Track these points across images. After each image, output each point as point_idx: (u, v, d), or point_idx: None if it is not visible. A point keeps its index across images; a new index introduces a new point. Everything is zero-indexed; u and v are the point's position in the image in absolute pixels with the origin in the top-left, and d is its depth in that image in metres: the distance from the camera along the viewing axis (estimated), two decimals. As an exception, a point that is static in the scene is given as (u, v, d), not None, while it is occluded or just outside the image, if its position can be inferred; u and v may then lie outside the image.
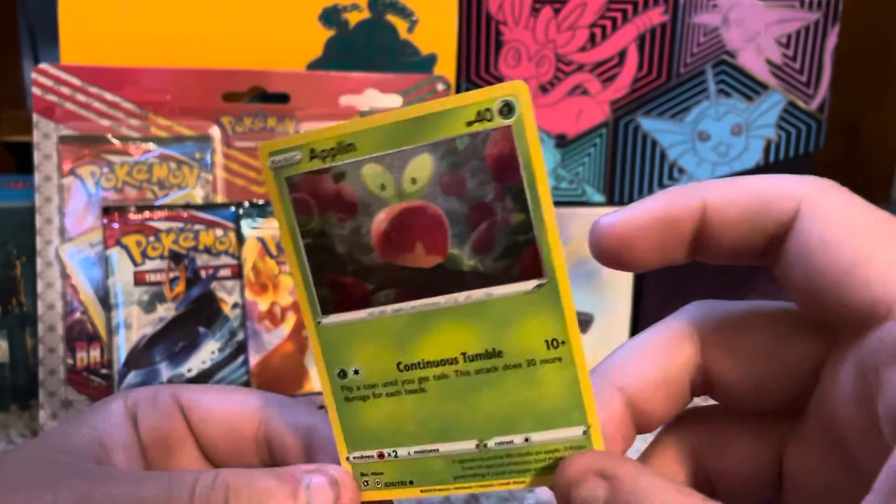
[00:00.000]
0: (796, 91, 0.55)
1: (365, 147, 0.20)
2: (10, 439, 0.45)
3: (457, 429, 0.22)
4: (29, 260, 0.47)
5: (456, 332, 0.21)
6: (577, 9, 0.53)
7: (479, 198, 0.20)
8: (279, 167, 0.21)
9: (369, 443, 0.23)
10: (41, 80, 0.45)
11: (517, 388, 0.22)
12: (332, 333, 0.22)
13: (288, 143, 0.21)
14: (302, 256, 0.22)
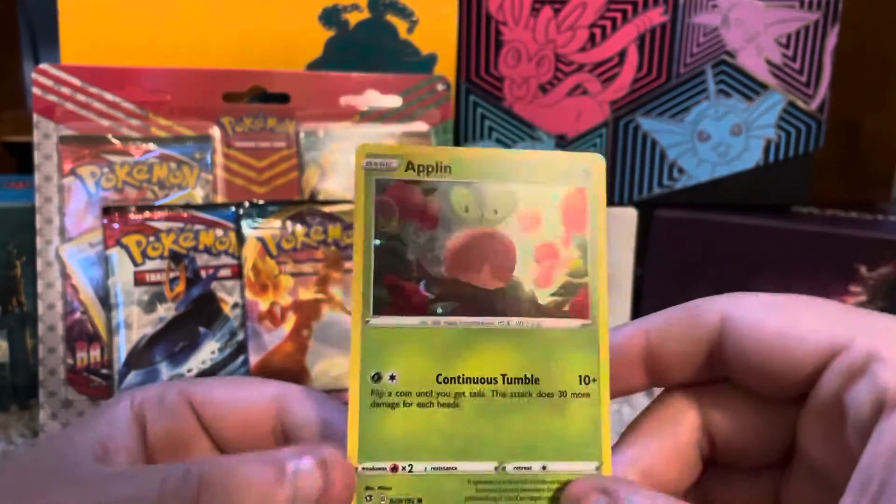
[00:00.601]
0: (796, 91, 0.55)
1: (460, 172, 0.23)
2: (10, 439, 0.45)
3: (480, 449, 0.23)
4: (29, 260, 0.47)
5: (500, 354, 0.23)
6: (577, 9, 0.53)
7: (549, 239, 0.23)
8: (372, 168, 0.23)
9: (385, 454, 0.23)
10: (41, 80, 0.45)
11: (545, 417, 0.23)
12: (377, 334, 0.23)
13: (388, 150, 0.23)
14: (370, 254, 0.23)
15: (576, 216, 0.23)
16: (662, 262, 0.55)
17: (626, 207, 0.56)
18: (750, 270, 0.54)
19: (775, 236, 0.53)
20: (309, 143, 0.50)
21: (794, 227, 0.53)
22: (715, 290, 0.59)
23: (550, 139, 0.55)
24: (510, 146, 0.55)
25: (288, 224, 0.47)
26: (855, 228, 0.53)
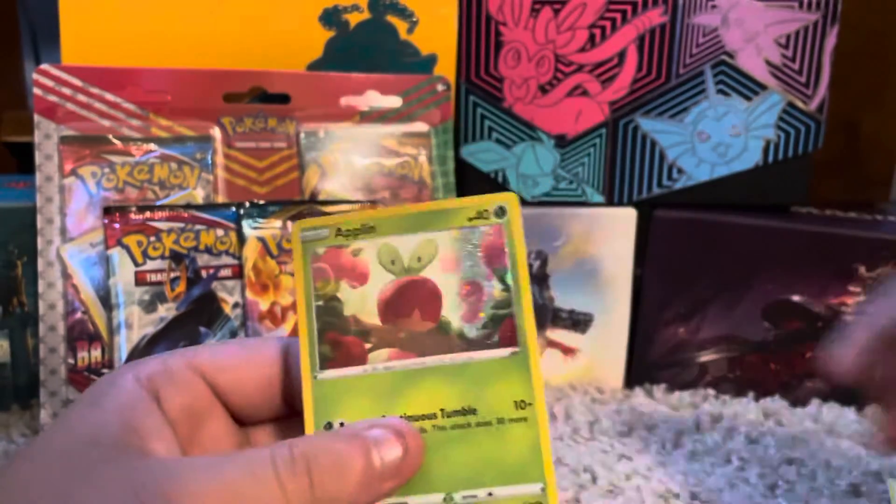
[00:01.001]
0: (795, 91, 0.55)
1: (383, 230, 0.25)
2: (11, 438, 0.45)
3: (427, 482, 0.24)
4: (30, 260, 0.47)
5: (438, 389, 0.25)
6: (577, 9, 0.54)
7: (471, 277, 0.25)
8: (307, 241, 0.26)
9: None
10: (42, 80, 0.45)
11: (486, 445, 0.24)
12: (325, 387, 0.25)
13: (318, 222, 0.26)
14: (312, 316, 0.25)
15: (495, 252, 0.25)
16: (662, 262, 0.55)
17: (625, 208, 0.56)
18: (749, 270, 0.54)
19: (774, 236, 0.53)
20: (309, 144, 0.50)
21: (793, 227, 0.53)
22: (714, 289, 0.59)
23: (550, 139, 0.55)
24: (510, 146, 0.55)
25: (288, 224, 0.47)
26: (854, 228, 0.53)
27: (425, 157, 0.51)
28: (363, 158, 0.50)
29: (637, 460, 0.45)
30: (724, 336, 0.55)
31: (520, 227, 0.25)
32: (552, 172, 0.56)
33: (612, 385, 0.56)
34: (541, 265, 0.55)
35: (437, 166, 0.52)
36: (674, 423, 0.49)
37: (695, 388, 0.55)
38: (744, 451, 0.46)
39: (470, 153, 0.56)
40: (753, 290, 0.54)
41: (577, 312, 0.56)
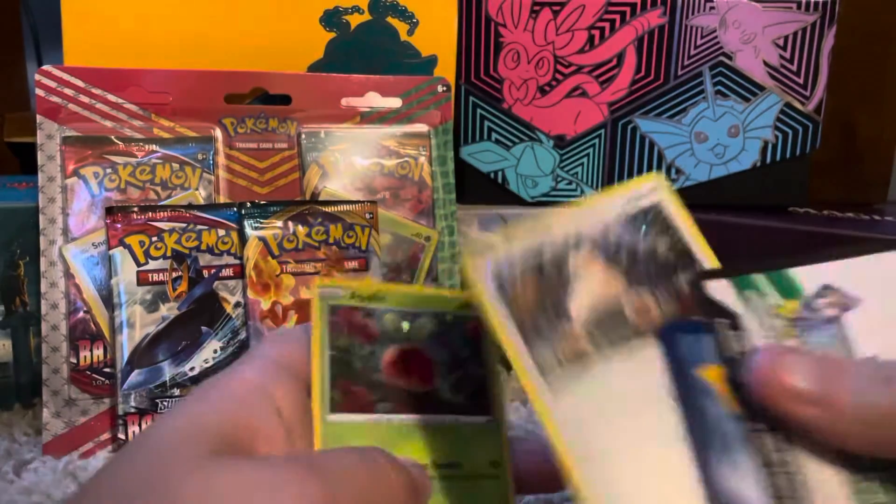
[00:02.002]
0: (793, 92, 0.55)
1: (391, 301, 0.29)
2: (14, 438, 0.46)
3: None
4: (33, 260, 0.47)
5: (431, 443, 0.28)
6: (576, 11, 0.54)
7: (458, 353, 0.29)
8: (325, 297, 0.28)
9: None
10: (45, 81, 0.46)
11: (465, 495, 0.27)
12: (334, 428, 0.27)
13: (336, 282, 0.28)
14: (325, 364, 0.28)
15: (477, 336, 0.29)
16: (660, 262, 0.55)
17: (624, 208, 0.56)
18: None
19: (772, 236, 0.54)
20: (310, 144, 0.50)
21: (791, 228, 0.54)
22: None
23: (549, 140, 0.56)
24: (510, 147, 0.56)
25: (289, 224, 0.47)
26: (851, 229, 0.53)
27: (425, 157, 0.52)
28: (363, 159, 0.51)
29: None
30: (722, 335, 0.55)
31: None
32: (551, 173, 0.56)
33: (611, 384, 0.56)
34: (540, 265, 0.56)
35: (437, 167, 0.52)
36: (672, 422, 0.50)
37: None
38: (742, 449, 0.46)
39: (470, 154, 0.56)
40: (751, 289, 0.54)
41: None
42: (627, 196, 0.27)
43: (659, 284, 0.26)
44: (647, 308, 0.25)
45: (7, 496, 0.39)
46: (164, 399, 0.44)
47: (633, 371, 0.24)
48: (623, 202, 0.26)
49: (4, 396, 0.49)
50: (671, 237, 0.27)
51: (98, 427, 0.44)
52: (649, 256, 0.26)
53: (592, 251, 0.25)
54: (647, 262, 0.26)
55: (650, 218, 0.27)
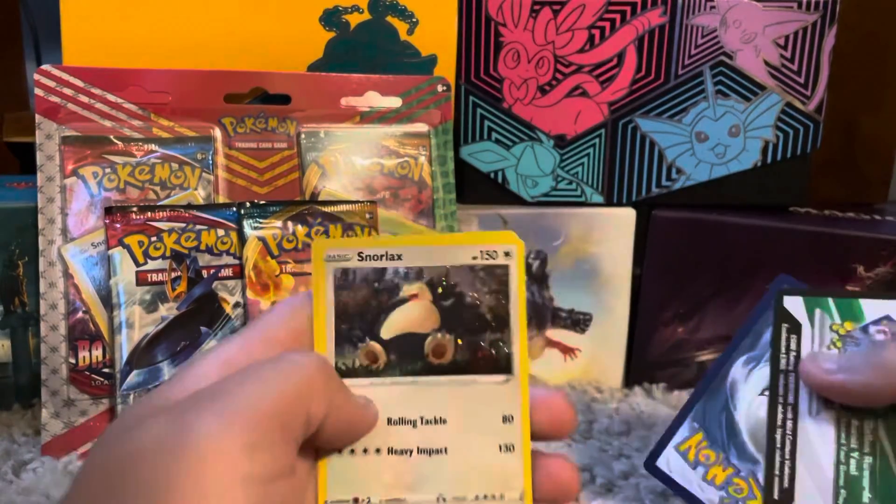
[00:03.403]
0: (794, 92, 0.55)
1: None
2: (13, 438, 0.46)
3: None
4: (32, 260, 0.47)
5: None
6: (576, 10, 0.54)
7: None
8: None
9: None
10: (44, 81, 0.46)
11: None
12: None
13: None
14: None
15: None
16: (661, 263, 0.55)
17: (624, 208, 0.56)
18: (748, 270, 0.54)
19: (773, 236, 0.53)
20: (310, 144, 0.50)
21: (791, 227, 0.53)
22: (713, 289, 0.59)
23: (550, 140, 0.55)
24: (510, 147, 0.56)
25: (289, 224, 0.47)
26: (852, 228, 0.53)
27: (425, 157, 0.52)
28: (363, 159, 0.50)
29: (636, 459, 0.45)
30: (722, 336, 0.55)
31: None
32: (552, 173, 0.56)
33: (611, 384, 0.56)
34: (540, 265, 0.56)
35: (436, 167, 0.52)
36: (673, 423, 0.50)
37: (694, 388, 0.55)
38: (742, 450, 0.46)
39: (470, 153, 0.56)
40: (752, 289, 0.54)
41: (577, 312, 0.56)
42: (481, 249, 0.28)
43: (466, 336, 0.28)
44: (443, 351, 0.28)
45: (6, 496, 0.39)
46: (164, 399, 0.44)
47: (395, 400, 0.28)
48: (474, 253, 0.28)
49: (3, 397, 0.49)
50: (499, 301, 0.28)
51: (97, 427, 0.44)
52: (472, 309, 0.28)
53: (425, 288, 0.28)
54: (467, 312, 0.28)
55: (491, 278, 0.28)
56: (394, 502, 0.27)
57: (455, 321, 0.28)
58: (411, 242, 0.28)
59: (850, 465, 0.33)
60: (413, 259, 0.28)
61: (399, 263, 0.28)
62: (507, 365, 0.28)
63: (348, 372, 0.28)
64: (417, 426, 0.28)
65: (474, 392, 0.28)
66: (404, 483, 0.27)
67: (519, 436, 0.28)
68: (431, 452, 0.28)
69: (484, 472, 0.27)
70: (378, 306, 0.28)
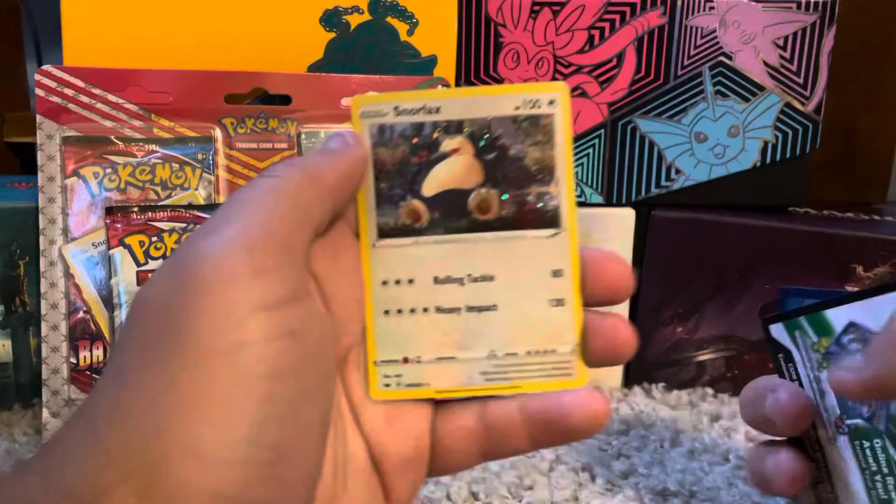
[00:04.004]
0: (793, 93, 0.55)
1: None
2: (14, 438, 0.46)
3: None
4: (32, 260, 0.48)
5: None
6: (576, 11, 0.54)
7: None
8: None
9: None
10: (45, 81, 0.46)
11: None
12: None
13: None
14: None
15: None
16: (660, 263, 0.55)
17: (624, 208, 0.56)
18: (747, 270, 0.54)
19: (772, 236, 0.54)
20: (310, 144, 0.50)
21: (790, 228, 0.54)
22: (712, 289, 0.59)
23: (549, 140, 0.56)
24: (509, 147, 0.56)
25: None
26: (851, 228, 0.53)
27: (425, 157, 0.52)
28: (363, 159, 0.51)
29: (635, 459, 0.45)
30: (722, 335, 0.55)
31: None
32: (551, 173, 0.56)
33: (611, 384, 0.56)
34: (540, 265, 0.56)
35: (436, 167, 0.52)
36: (672, 422, 0.50)
37: (693, 388, 0.55)
38: (742, 450, 0.46)
39: (469, 154, 0.56)
40: (751, 289, 0.54)
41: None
42: (524, 98, 0.27)
43: (511, 189, 0.27)
44: (488, 207, 0.27)
45: (7, 496, 0.39)
46: (164, 399, 0.44)
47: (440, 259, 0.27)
48: (517, 103, 0.27)
49: (4, 396, 0.49)
50: (544, 153, 0.27)
51: (98, 427, 0.44)
52: (516, 162, 0.27)
53: (466, 141, 0.27)
54: (511, 165, 0.27)
55: (535, 128, 0.27)
56: (444, 360, 0.27)
57: (499, 175, 0.27)
58: (450, 95, 0.27)
59: (877, 489, 0.31)
60: (453, 112, 0.27)
61: (438, 117, 0.27)
62: (555, 218, 0.27)
63: (391, 231, 0.27)
64: (465, 284, 0.27)
65: (522, 247, 0.27)
66: (454, 341, 0.27)
67: (569, 290, 0.27)
68: (480, 310, 0.27)
69: (534, 327, 0.27)
70: (418, 162, 0.27)
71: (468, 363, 0.27)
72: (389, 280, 0.27)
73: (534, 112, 0.27)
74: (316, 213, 0.25)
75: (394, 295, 0.27)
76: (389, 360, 0.27)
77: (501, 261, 0.27)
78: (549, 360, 0.27)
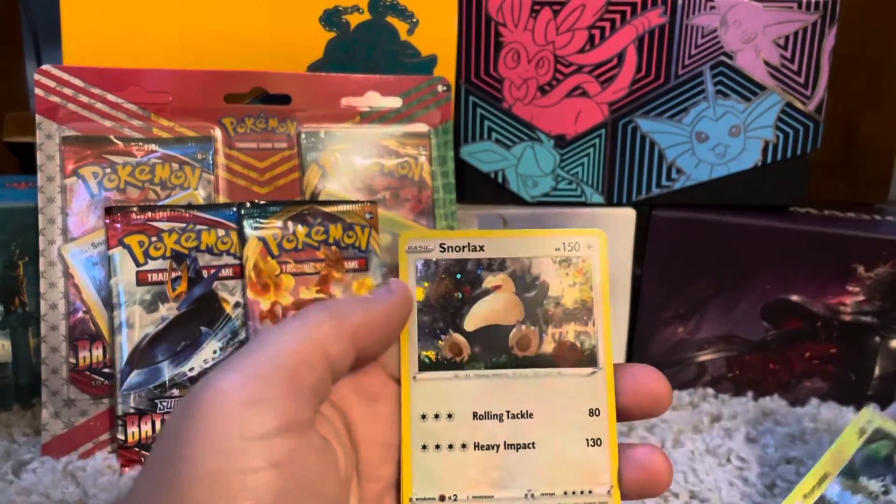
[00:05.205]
0: (794, 92, 0.55)
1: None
2: (13, 438, 0.46)
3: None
4: (32, 260, 0.47)
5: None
6: (576, 10, 0.54)
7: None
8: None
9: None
10: (44, 81, 0.46)
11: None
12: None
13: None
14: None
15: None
16: (661, 262, 0.55)
17: (624, 208, 0.56)
18: (748, 270, 0.54)
19: (773, 236, 0.53)
20: (310, 144, 0.50)
21: (791, 227, 0.53)
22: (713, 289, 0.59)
23: (550, 140, 0.55)
24: (510, 147, 0.56)
25: (289, 224, 0.47)
26: (852, 228, 0.53)
27: (425, 157, 0.52)
28: (363, 159, 0.50)
29: (636, 459, 0.45)
30: (723, 336, 0.55)
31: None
32: (552, 173, 0.56)
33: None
34: (540, 265, 0.56)
35: (437, 167, 0.52)
36: (673, 423, 0.50)
37: (694, 388, 0.55)
38: (743, 450, 0.46)
39: (470, 153, 0.56)
40: (752, 289, 0.54)
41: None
42: (564, 241, 0.28)
43: (550, 327, 0.28)
44: (528, 343, 0.28)
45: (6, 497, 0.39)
46: (164, 399, 0.44)
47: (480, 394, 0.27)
48: (557, 245, 0.28)
49: (3, 397, 0.49)
50: (583, 293, 0.28)
51: (97, 427, 0.44)
52: (555, 301, 0.28)
53: (508, 279, 0.28)
54: (551, 304, 0.28)
55: (575, 269, 0.28)
56: (481, 500, 0.27)
57: (539, 313, 0.28)
58: (494, 234, 0.28)
59: None
60: (495, 250, 0.28)
61: (481, 255, 0.28)
62: (593, 357, 0.28)
63: (432, 365, 0.27)
64: (504, 420, 0.27)
65: (560, 385, 0.28)
66: (491, 479, 0.27)
67: (606, 429, 0.27)
68: (519, 447, 0.27)
69: (572, 467, 0.27)
70: (461, 298, 0.28)
71: (505, 503, 0.27)
72: (428, 414, 0.27)
73: (573, 254, 0.28)
74: (334, 352, 0.25)
75: (432, 429, 0.27)
76: (425, 497, 0.27)
77: (540, 398, 0.27)
78: (586, 500, 0.27)
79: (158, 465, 0.22)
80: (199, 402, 0.22)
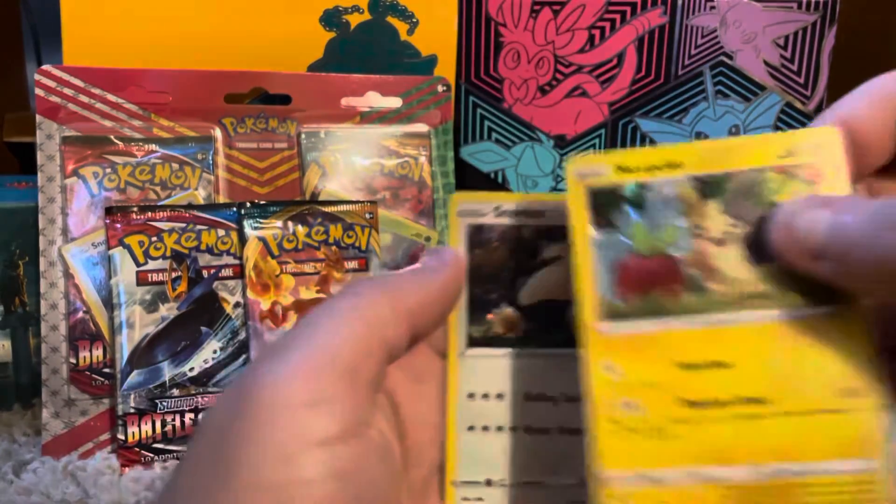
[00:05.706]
0: (794, 92, 0.55)
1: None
2: (13, 438, 0.46)
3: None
4: (32, 260, 0.47)
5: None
6: (576, 11, 0.54)
7: None
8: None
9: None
10: (44, 81, 0.46)
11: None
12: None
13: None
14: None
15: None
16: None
17: (624, 208, 0.56)
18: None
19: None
20: (310, 144, 0.50)
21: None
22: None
23: (550, 140, 0.56)
24: (510, 147, 0.56)
25: (289, 224, 0.47)
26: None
27: (425, 157, 0.52)
28: (363, 159, 0.51)
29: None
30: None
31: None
32: (552, 173, 0.56)
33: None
34: (540, 265, 0.56)
35: (437, 167, 0.52)
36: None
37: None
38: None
39: (470, 153, 0.56)
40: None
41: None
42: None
43: None
44: None
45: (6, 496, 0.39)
46: (164, 399, 0.44)
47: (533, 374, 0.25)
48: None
49: (4, 396, 0.49)
50: None
51: (97, 427, 0.44)
52: None
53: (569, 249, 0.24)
54: None
55: None
56: (530, 486, 0.24)
57: None
58: (556, 198, 0.24)
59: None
60: (557, 217, 0.24)
61: (540, 221, 0.24)
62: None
63: (481, 340, 0.25)
64: (558, 403, 0.24)
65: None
66: (542, 464, 0.24)
67: None
68: (573, 432, 0.24)
69: None
70: (516, 268, 0.25)
71: (556, 490, 0.24)
72: (476, 393, 0.25)
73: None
74: (391, 336, 0.22)
75: (480, 410, 0.25)
76: (471, 481, 0.24)
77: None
78: None
79: (208, 466, 0.20)
80: (255, 402, 0.20)
